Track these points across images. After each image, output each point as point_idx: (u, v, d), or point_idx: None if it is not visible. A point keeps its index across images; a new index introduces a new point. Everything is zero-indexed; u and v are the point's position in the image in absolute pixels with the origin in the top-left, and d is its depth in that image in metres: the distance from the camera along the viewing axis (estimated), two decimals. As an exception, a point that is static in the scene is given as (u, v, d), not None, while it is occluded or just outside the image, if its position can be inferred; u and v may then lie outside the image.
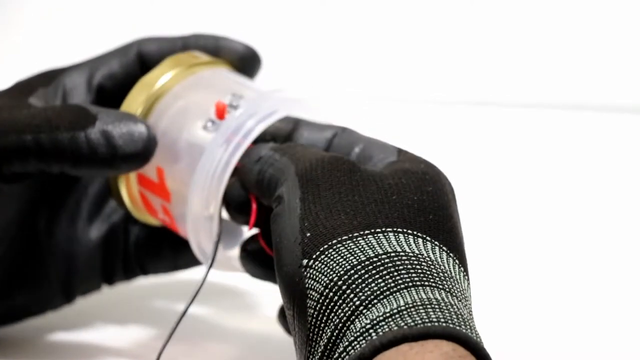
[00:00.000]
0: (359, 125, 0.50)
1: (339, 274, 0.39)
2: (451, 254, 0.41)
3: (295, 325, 0.41)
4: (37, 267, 0.54)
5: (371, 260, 0.40)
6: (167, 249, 0.56)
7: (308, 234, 0.41)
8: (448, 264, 0.41)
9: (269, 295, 0.59)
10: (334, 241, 0.40)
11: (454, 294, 0.40)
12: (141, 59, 0.54)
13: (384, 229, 0.41)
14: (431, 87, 1.07)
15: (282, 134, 0.49)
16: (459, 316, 0.38)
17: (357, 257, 0.40)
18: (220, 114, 0.49)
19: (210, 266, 0.48)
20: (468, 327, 0.38)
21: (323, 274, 0.40)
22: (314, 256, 0.40)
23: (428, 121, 1.00)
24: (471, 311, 0.41)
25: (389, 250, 0.40)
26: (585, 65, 1.04)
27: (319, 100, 0.51)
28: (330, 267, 0.40)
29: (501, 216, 0.76)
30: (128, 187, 0.52)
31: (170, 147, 0.50)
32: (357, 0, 1.10)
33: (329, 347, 0.38)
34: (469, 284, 0.42)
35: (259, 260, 0.49)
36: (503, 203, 0.78)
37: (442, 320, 0.37)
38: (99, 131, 0.48)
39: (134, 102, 0.51)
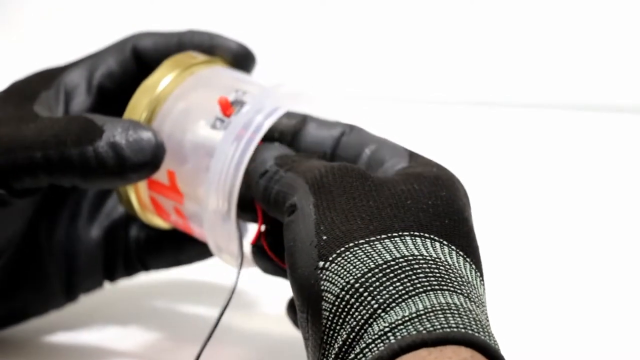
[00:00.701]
0: (360, 125, 0.50)
1: (356, 277, 0.39)
2: (467, 259, 0.41)
3: (308, 327, 0.40)
4: (37, 268, 0.54)
5: (389, 263, 0.39)
6: (168, 245, 0.56)
7: (324, 237, 0.41)
8: (465, 269, 0.41)
9: (270, 295, 0.59)
10: (351, 244, 0.40)
11: (471, 299, 0.39)
12: (137, 56, 0.54)
13: (400, 233, 0.41)
14: (431, 87, 1.07)
15: (290, 131, 0.49)
16: (478, 322, 0.38)
17: (375, 261, 0.39)
18: (226, 110, 0.49)
19: (240, 267, 0.48)
20: (486, 333, 0.38)
21: (339, 276, 0.39)
22: (330, 258, 0.40)
23: (428, 121, 1.00)
24: (488, 317, 0.41)
25: (407, 254, 0.40)
26: (586, 66, 1.04)
27: (324, 94, 0.51)
28: (347, 269, 0.39)
29: (501, 216, 0.76)
30: (137, 193, 0.52)
31: (178, 148, 0.50)
32: (356, 0, 1.10)
33: (343, 350, 0.38)
34: (484, 289, 0.42)
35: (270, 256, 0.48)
36: (503, 203, 0.78)
37: (461, 326, 0.37)
38: (107, 144, 0.47)
39: (137, 107, 0.51)
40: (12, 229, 0.51)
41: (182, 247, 0.55)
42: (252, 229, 0.50)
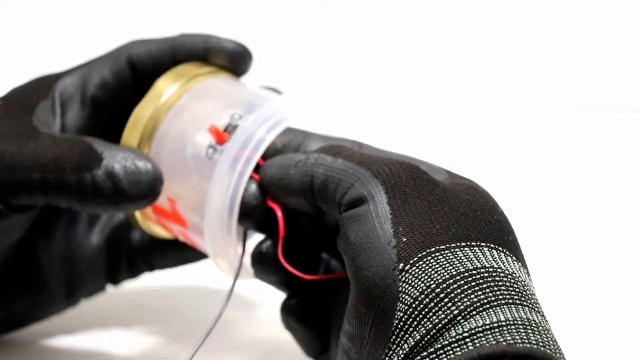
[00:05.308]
0: (358, 126, 0.49)
1: (437, 282, 0.39)
2: (530, 277, 0.41)
3: (371, 325, 0.40)
4: (35, 275, 0.53)
5: (470, 272, 0.39)
6: (175, 243, 0.55)
7: (404, 239, 0.40)
8: (533, 288, 0.41)
9: (269, 298, 0.59)
10: (432, 249, 0.40)
11: (545, 318, 0.39)
12: (132, 65, 0.53)
13: (478, 243, 0.40)
14: (431, 88, 1.07)
15: (293, 145, 0.48)
16: (555, 343, 0.38)
17: (457, 268, 0.39)
18: (220, 138, 0.48)
19: (236, 277, 0.48)
20: (562, 355, 0.38)
21: (420, 279, 0.39)
22: (411, 261, 0.40)
23: (428, 121, 1.00)
24: None
25: (487, 265, 0.40)
26: (586, 66, 1.05)
27: (315, 108, 0.50)
28: (428, 274, 0.39)
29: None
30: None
31: (181, 162, 0.49)
32: (355, 2, 1.10)
33: (415, 351, 0.38)
34: None
35: (271, 264, 0.48)
36: (503, 203, 0.78)
37: (541, 344, 0.37)
38: (104, 173, 0.47)
39: (138, 122, 0.50)
40: (8, 241, 0.51)
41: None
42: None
